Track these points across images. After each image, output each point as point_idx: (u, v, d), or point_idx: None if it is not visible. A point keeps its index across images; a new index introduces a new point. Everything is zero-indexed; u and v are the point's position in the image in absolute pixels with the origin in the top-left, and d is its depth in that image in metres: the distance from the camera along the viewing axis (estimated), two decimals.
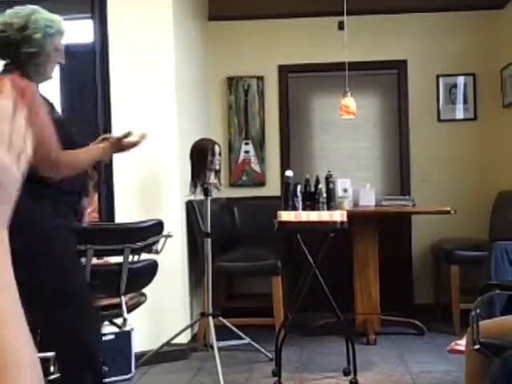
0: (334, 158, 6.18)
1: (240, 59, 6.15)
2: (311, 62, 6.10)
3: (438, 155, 6.08)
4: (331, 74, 6.05)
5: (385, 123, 6.27)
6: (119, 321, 3.99)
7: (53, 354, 3.57)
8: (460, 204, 5.35)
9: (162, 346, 4.41)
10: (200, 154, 4.50)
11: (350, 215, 4.11)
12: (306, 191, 4.25)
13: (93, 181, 3.57)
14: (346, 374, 4.10)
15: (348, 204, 5.13)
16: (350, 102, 5.30)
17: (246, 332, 4.57)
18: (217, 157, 4.50)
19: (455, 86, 6.12)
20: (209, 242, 4.43)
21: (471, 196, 5.97)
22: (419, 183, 6.09)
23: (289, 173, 4.12)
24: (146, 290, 4.14)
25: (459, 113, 6.14)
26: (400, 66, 6.16)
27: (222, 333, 4.51)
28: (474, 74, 6.08)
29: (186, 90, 5.07)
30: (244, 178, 6.20)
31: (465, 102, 6.12)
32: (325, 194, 4.31)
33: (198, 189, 4.48)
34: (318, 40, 6.10)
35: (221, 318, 4.49)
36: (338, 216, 3.94)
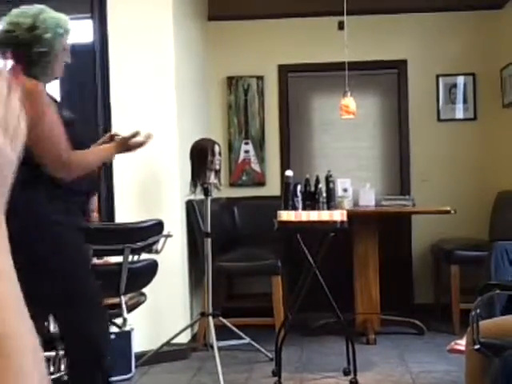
0: (333, 158, 6.18)
1: (240, 59, 6.15)
2: (311, 62, 6.10)
3: (437, 155, 6.08)
4: (331, 74, 6.04)
5: (385, 123, 6.27)
6: (119, 321, 3.99)
7: (53, 353, 3.55)
8: (460, 204, 5.35)
9: (162, 345, 4.41)
10: (200, 154, 4.49)
11: (350, 215, 4.11)
12: (306, 191, 4.25)
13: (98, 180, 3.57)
14: (346, 373, 4.10)
15: (348, 204, 5.13)
16: (349, 101, 5.30)
17: (246, 332, 4.57)
18: (217, 157, 4.50)
19: (455, 85, 6.12)
20: (209, 241, 4.43)
21: (471, 196, 5.97)
22: (419, 183, 6.08)
23: (289, 173, 4.12)
24: (145, 290, 4.15)
25: (459, 113, 6.13)
26: (400, 66, 6.16)
27: (222, 333, 4.51)
28: (473, 74, 6.08)
29: (185, 89, 5.07)
30: (244, 177, 6.20)
31: (465, 101, 6.12)
32: (325, 194, 4.31)
33: (198, 189, 4.48)
34: (317, 40, 6.10)
35: (221, 318, 4.48)
36: (338, 216, 3.94)
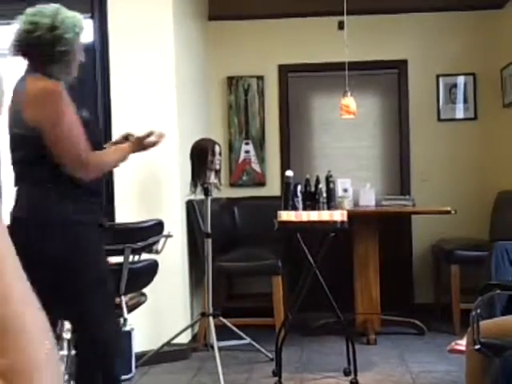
0: (334, 158, 6.18)
1: (240, 59, 6.15)
2: (311, 62, 6.10)
3: (438, 155, 6.08)
4: (331, 74, 6.04)
5: (385, 123, 6.27)
6: (119, 321, 3.99)
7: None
8: (460, 204, 5.35)
9: (163, 346, 4.41)
10: (200, 154, 4.49)
11: (350, 215, 4.11)
12: (306, 191, 4.26)
13: None
14: (347, 373, 4.10)
15: (348, 204, 5.13)
16: (350, 101, 5.30)
17: (246, 332, 4.57)
18: (217, 156, 4.50)
19: (455, 85, 6.12)
20: (209, 241, 4.43)
21: (471, 196, 5.96)
22: (419, 183, 6.08)
23: (289, 173, 4.12)
24: (146, 290, 4.14)
25: (459, 112, 6.13)
26: (400, 66, 6.15)
27: (223, 333, 4.51)
28: (474, 74, 6.08)
29: (186, 89, 5.07)
30: (244, 177, 6.20)
31: (465, 101, 6.12)
32: (325, 194, 4.32)
33: (198, 189, 4.48)
34: (317, 40, 6.10)
35: (221, 318, 4.48)
36: (338, 216, 3.94)
